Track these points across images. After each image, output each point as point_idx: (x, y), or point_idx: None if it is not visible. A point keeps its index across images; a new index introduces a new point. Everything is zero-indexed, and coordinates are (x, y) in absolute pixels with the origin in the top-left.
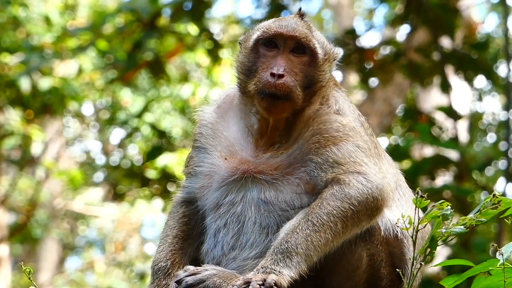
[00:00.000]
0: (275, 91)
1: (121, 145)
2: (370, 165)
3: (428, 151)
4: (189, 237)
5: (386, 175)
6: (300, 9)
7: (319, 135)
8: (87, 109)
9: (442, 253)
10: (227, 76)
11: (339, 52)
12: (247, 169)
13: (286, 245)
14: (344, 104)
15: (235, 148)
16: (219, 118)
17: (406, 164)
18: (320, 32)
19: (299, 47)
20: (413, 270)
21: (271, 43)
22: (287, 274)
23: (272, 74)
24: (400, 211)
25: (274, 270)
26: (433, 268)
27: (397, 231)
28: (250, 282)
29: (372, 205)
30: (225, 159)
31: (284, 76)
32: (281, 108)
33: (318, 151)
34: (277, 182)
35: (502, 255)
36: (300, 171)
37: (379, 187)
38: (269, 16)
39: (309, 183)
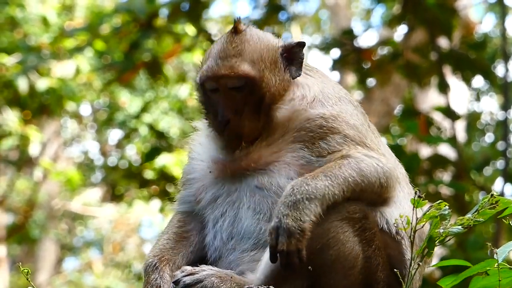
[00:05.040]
0: (227, 137)
1: (119, 145)
2: (373, 151)
3: (426, 152)
4: (184, 238)
5: (390, 160)
6: (235, 21)
7: (304, 131)
8: (85, 109)
9: (437, 253)
10: None
11: (284, 43)
12: (234, 167)
13: (307, 187)
14: (324, 88)
15: (220, 158)
16: (205, 138)
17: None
18: (257, 35)
19: (234, 82)
20: (411, 270)
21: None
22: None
23: (220, 123)
24: (399, 210)
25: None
26: (428, 268)
27: (393, 231)
28: None
29: (379, 190)
30: (210, 172)
31: (229, 122)
32: (239, 142)
33: (308, 146)
34: (266, 169)
35: (497, 254)
36: (287, 157)
37: (388, 172)
38: (266, 17)
39: (305, 167)
